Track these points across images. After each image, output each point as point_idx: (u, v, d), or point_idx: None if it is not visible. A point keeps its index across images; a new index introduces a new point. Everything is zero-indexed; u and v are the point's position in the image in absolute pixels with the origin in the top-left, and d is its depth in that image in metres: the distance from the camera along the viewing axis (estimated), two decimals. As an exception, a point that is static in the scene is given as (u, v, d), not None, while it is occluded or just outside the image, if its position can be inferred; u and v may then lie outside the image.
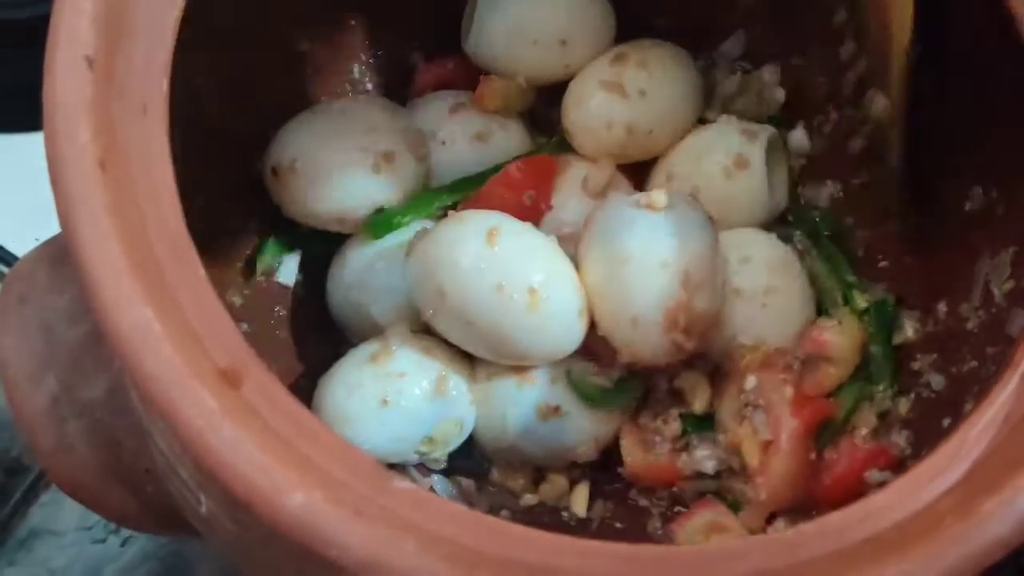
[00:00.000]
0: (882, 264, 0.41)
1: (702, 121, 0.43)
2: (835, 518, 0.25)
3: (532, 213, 0.40)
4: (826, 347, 0.37)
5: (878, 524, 0.24)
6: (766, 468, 0.36)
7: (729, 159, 0.40)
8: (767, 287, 0.38)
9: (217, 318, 0.24)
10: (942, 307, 0.38)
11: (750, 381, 0.37)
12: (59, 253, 0.29)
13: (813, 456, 0.37)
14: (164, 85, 0.26)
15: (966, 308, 0.36)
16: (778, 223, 0.42)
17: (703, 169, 0.40)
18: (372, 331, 0.39)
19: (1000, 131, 0.35)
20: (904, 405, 0.38)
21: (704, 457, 0.38)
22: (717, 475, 0.38)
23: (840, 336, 0.37)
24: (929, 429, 0.36)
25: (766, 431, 0.36)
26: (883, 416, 0.38)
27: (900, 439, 0.37)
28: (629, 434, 0.39)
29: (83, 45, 0.25)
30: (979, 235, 0.36)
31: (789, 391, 0.36)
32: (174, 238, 0.25)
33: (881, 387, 0.38)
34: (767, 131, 0.41)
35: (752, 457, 0.36)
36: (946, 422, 0.35)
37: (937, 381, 0.37)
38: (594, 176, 0.40)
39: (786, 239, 0.41)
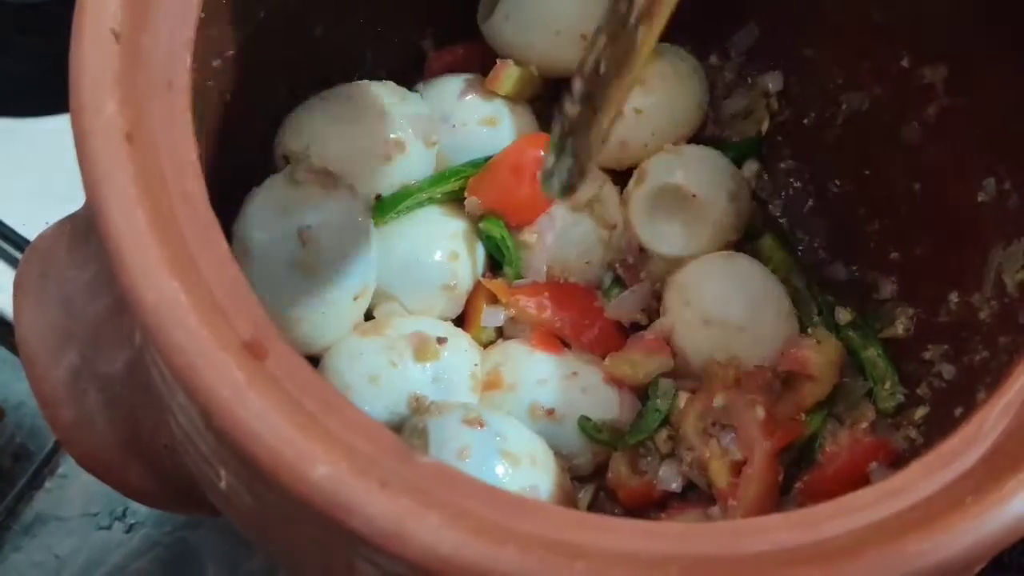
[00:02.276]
0: (893, 256, 0.41)
1: (698, 138, 0.43)
2: (851, 499, 0.25)
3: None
4: (805, 365, 0.38)
5: (896, 504, 0.25)
6: (738, 489, 0.36)
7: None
8: (745, 315, 0.39)
9: (240, 291, 0.24)
10: (954, 298, 0.38)
11: (719, 399, 0.37)
12: (79, 228, 0.29)
13: (780, 478, 0.37)
14: (188, 61, 0.26)
15: (978, 298, 0.37)
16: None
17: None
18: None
19: (1015, 124, 0.35)
20: (916, 396, 0.38)
21: (668, 475, 0.38)
22: (683, 493, 0.38)
23: (818, 353, 0.38)
24: (941, 417, 0.36)
25: (736, 451, 0.36)
26: (896, 410, 0.38)
27: (910, 430, 0.37)
28: (622, 451, 0.39)
29: (110, 18, 0.25)
30: (991, 226, 0.36)
31: (760, 411, 0.37)
32: (198, 212, 0.25)
33: (887, 385, 0.38)
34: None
35: (720, 477, 0.36)
36: (958, 411, 0.35)
37: (948, 371, 0.37)
38: (581, 192, 0.41)
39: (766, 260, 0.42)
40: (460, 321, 0.42)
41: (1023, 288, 0.34)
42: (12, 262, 0.48)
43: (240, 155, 0.39)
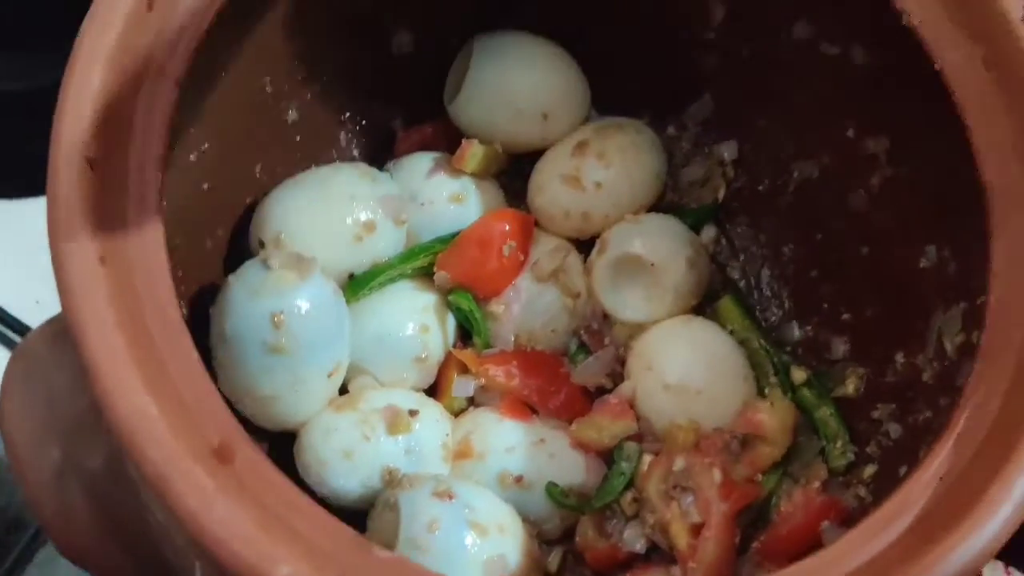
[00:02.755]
0: (845, 317, 0.43)
1: (658, 206, 0.46)
2: (790, 572, 0.27)
3: (511, 265, 0.43)
4: (760, 427, 0.39)
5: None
6: (696, 551, 0.37)
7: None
8: (703, 379, 0.41)
9: (209, 397, 0.26)
10: (900, 359, 0.40)
11: (678, 463, 0.39)
12: (61, 331, 0.31)
13: (737, 539, 0.38)
14: (159, 178, 0.28)
15: (922, 360, 0.38)
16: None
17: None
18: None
19: (951, 195, 0.37)
20: (865, 454, 0.39)
21: (632, 537, 0.40)
22: (647, 555, 0.40)
23: (772, 416, 0.40)
24: (888, 476, 0.38)
25: (695, 513, 0.38)
26: (847, 469, 0.40)
27: (860, 488, 0.39)
28: (589, 515, 0.40)
29: (85, 147, 0.27)
30: (933, 291, 0.38)
31: (718, 475, 0.38)
32: (170, 324, 0.27)
33: (839, 444, 0.40)
34: None
35: (680, 539, 0.38)
36: (903, 470, 0.36)
37: (895, 430, 0.39)
38: (543, 263, 0.43)
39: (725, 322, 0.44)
40: (433, 390, 0.44)
41: (961, 351, 0.36)
42: (9, 344, 0.50)
43: (217, 240, 0.42)
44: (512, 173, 0.46)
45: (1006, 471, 0.26)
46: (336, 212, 0.41)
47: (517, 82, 0.44)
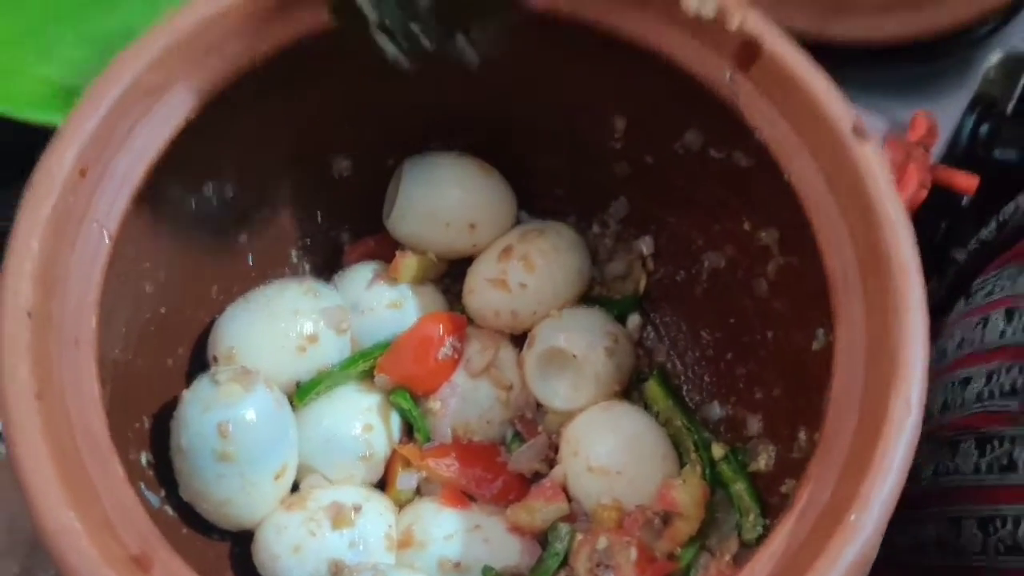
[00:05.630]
0: (758, 396, 0.46)
1: (586, 298, 0.50)
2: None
3: (446, 364, 0.47)
4: (674, 504, 0.42)
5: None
6: None
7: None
8: (623, 461, 0.44)
9: (132, 510, 0.30)
10: (803, 435, 0.43)
11: (602, 541, 0.42)
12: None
13: None
14: (93, 321, 0.33)
15: (818, 437, 0.41)
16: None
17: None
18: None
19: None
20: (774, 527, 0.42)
21: None
22: None
23: (684, 493, 0.43)
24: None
25: None
26: (757, 541, 0.42)
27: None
28: None
29: (24, 300, 0.31)
30: (824, 371, 0.41)
31: (634, 552, 0.41)
32: (99, 446, 0.31)
33: (751, 517, 0.43)
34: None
35: None
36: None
37: (800, 504, 0.41)
38: (475, 360, 0.47)
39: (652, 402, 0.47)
40: (383, 483, 0.47)
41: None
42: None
43: (178, 358, 0.46)
44: (452, 276, 0.50)
45: (831, 545, 0.29)
46: (281, 327, 0.45)
47: (444, 198, 0.48)
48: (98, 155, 0.35)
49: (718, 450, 0.45)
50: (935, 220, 0.63)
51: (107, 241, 0.34)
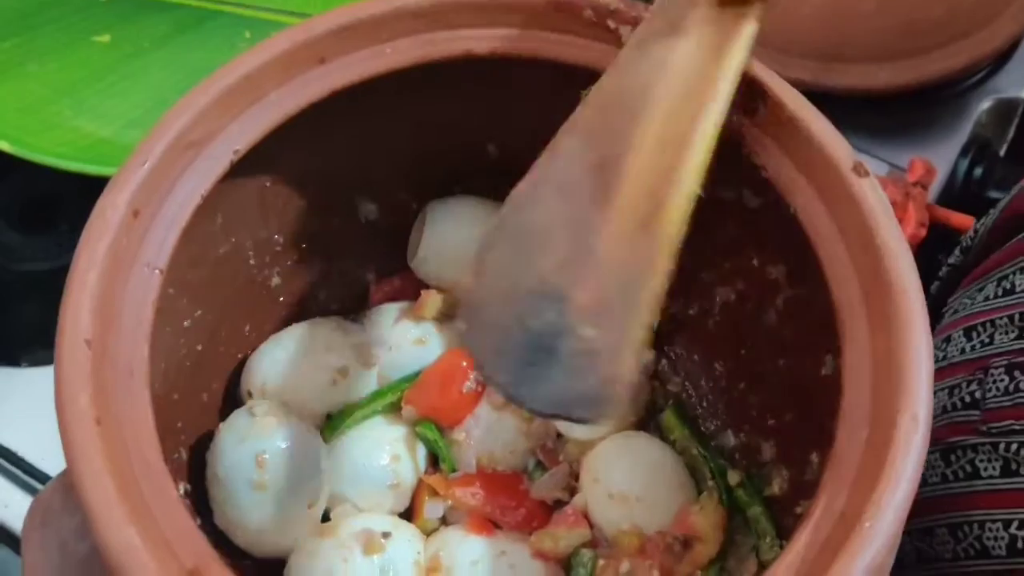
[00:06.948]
0: (771, 423, 0.48)
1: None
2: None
3: (470, 396, 0.48)
4: (693, 528, 0.44)
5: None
6: None
7: None
8: (642, 487, 0.46)
9: (186, 529, 0.32)
10: (814, 459, 0.44)
11: (624, 565, 0.43)
12: (69, 483, 0.37)
13: None
14: (145, 351, 0.35)
15: (830, 454, 0.43)
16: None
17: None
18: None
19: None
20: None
21: None
22: None
23: (703, 518, 0.44)
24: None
25: None
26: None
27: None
28: None
29: (84, 330, 0.33)
30: (834, 396, 0.43)
31: (656, 575, 0.43)
32: (153, 470, 0.33)
33: (767, 539, 0.44)
34: None
35: None
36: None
37: (815, 526, 0.43)
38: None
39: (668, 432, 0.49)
40: (409, 513, 0.49)
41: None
42: (32, 491, 0.56)
43: (212, 392, 0.48)
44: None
45: (847, 550, 0.31)
46: (313, 363, 0.48)
47: (466, 240, 0.50)
48: (148, 199, 0.37)
49: (734, 476, 0.47)
50: (936, 258, 0.65)
51: (158, 277, 0.36)
